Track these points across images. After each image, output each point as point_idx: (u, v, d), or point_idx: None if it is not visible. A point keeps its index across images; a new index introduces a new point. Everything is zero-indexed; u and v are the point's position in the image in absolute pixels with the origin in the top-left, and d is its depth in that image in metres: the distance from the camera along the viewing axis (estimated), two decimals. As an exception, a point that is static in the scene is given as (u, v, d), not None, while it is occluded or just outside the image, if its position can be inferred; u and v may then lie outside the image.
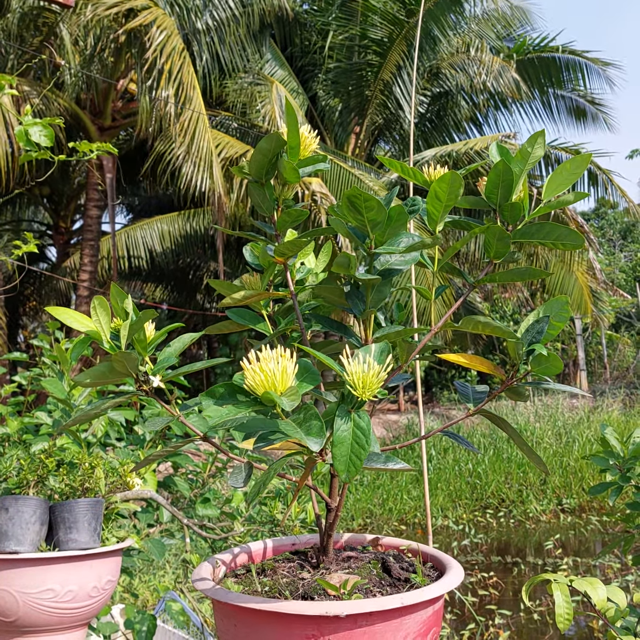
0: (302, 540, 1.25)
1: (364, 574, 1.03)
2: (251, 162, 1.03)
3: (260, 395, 0.83)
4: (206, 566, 1.06)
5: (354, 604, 0.85)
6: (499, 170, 1.03)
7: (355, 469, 0.82)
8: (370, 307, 1.02)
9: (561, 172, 1.07)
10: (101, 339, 0.99)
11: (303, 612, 0.84)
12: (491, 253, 1.06)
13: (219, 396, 0.88)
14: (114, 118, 10.59)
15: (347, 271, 0.97)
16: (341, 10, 12.07)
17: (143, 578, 4.69)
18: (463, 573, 1.03)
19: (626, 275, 19.90)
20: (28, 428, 2.57)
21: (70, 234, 14.09)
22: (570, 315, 1.02)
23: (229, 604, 0.90)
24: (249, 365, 0.83)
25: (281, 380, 0.82)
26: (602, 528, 7.29)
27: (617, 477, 1.66)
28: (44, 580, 1.64)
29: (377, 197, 0.93)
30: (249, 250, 1.21)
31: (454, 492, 8.46)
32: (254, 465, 1.03)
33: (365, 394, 0.86)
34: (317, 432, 0.79)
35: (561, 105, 13.81)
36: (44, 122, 1.95)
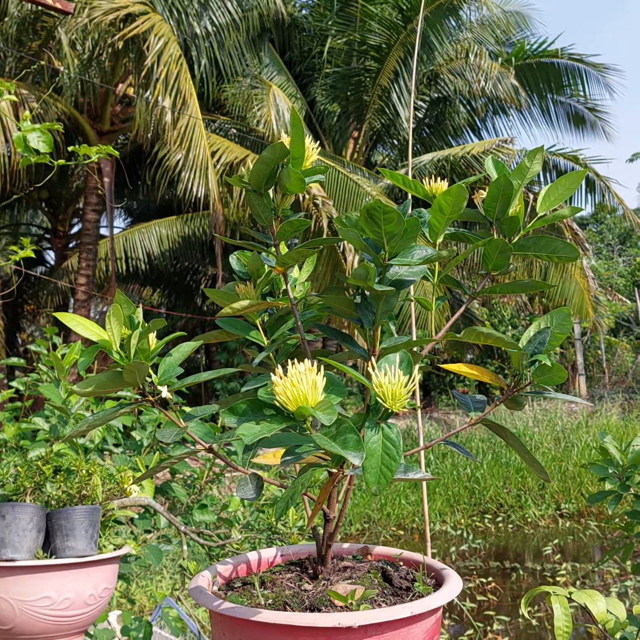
0: (291, 551, 1.24)
1: (367, 583, 1.03)
2: (252, 172, 1.03)
3: (294, 411, 0.81)
4: (202, 579, 1.05)
5: (366, 615, 0.86)
6: (500, 184, 1.05)
7: (385, 481, 0.82)
8: (379, 318, 1.02)
9: (557, 187, 1.10)
10: (111, 348, 0.97)
11: (315, 624, 0.84)
12: (490, 265, 1.08)
13: (242, 412, 0.86)
14: (112, 122, 10.59)
15: (364, 283, 0.96)
16: (339, 16, 12.09)
17: (140, 583, 4.68)
18: (461, 581, 1.04)
19: (625, 280, 19.92)
20: (25, 434, 2.56)
21: (69, 237, 14.08)
22: (572, 325, 1.03)
23: (234, 618, 0.89)
24: (280, 381, 0.82)
25: (312, 394, 0.82)
26: (600, 533, 7.28)
27: (616, 485, 1.66)
28: (41, 588, 1.63)
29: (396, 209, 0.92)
30: (235, 258, 1.20)
31: (452, 497, 8.44)
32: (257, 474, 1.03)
33: (395, 405, 0.87)
34: (355, 446, 0.79)
35: (560, 111, 13.83)
36: (42, 128, 1.95)
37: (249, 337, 1.09)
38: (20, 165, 1.98)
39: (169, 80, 8.30)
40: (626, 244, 23.72)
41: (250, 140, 10.85)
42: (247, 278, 1.17)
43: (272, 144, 1.01)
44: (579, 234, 10.60)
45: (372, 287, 0.97)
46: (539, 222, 1.10)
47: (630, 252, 22.65)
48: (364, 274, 0.94)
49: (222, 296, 1.02)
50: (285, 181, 1.04)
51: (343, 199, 9.66)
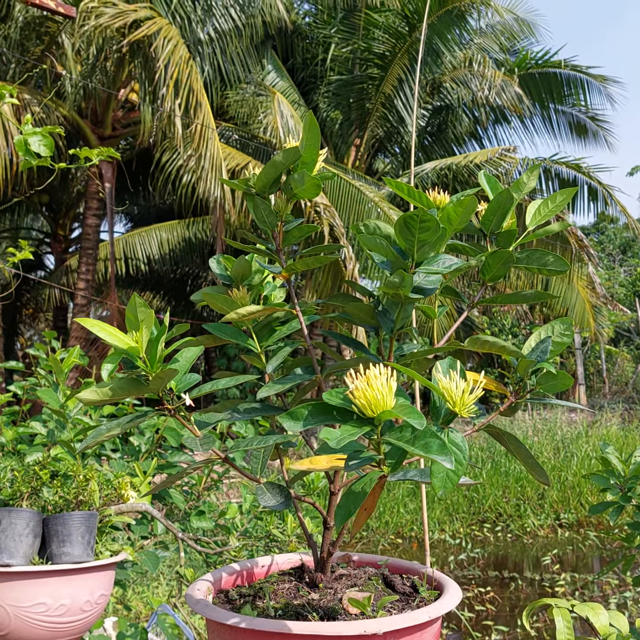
0: (281, 560, 1.23)
1: (372, 590, 1.04)
2: (260, 175, 1.02)
3: (376, 415, 0.80)
4: (198, 592, 1.03)
5: (390, 621, 0.87)
6: (502, 199, 1.06)
7: (451, 485, 0.82)
8: (398, 326, 1.02)
9: (548, 203, 1.13)
10: (138, 354, 0.94)
11: (341, 632, 0.85)
12: (487, 276, 1.10)
13: (304, 417, 0.84)
14: (114, 127, 10.61)
15: (396, 290, 0.95)
16: (343, 23, 12.12)
17: (136, 589, 4.65)
18: (458, 586, 1.05)
19: (626, 290, 19.92)
20: (23, 438, 2.55)
21: (69, 242, 14.09)
22: (573, 336, 1.04)
23: (252, 631, 0.87)
24: (359, 384, 0.81)
25: (389, 398, 0.81)
26: (600, 544, 7.25)
27: (618, 496, 1.64)
28: (36, 594, 1.62)
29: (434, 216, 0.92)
30: (215, 262, 1.18)
31: (451, 505, 8.42)
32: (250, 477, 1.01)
33: (462, 410, 0.88)
34: (440, 450, 0.77)
35: (562, 120, 13.86)
36: (43, 131, 1.94)
37: (241, 343, 1.07)
38: (21, 168, 1.98)
39: (181, 81, 8.30)
40: (627, 254, 23.73)
41: (253, 147, 10.86)
42: (229, 282, 1.16)
43: (286, 148, 1.00)
44: (584, 241, 10.60)
45: (407, 295, 0.97)
46: (531, 236, 1.14)
47: (631, 262, 22.65)
48: (399, 281, 0.94)
49: (221, 301, 1.01)
50: (295, 186, 1.02)
51: (345, 206, 9.66)
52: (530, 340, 1.04)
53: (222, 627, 0.92)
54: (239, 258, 1.11)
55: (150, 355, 0.93)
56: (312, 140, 1.02)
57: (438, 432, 0.87)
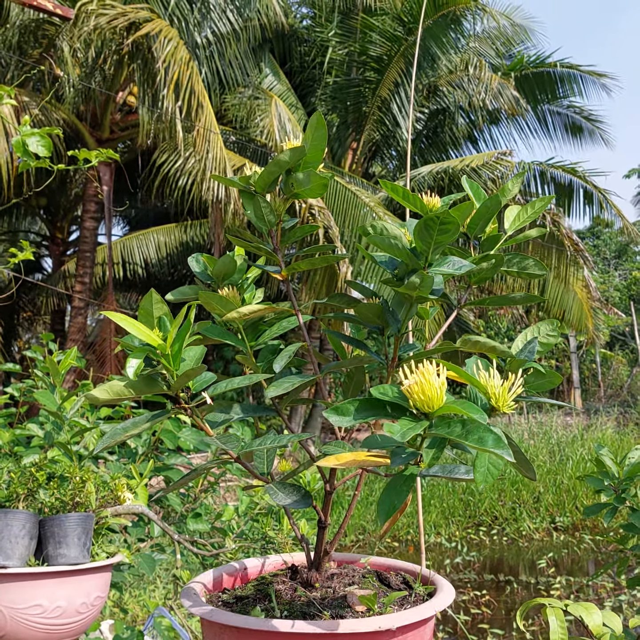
0: (270, 562, 1.23)
1: (370, 588, 1.06)
2: (263, 174, 1.02)
3: (434, 410, 0.81)
4: (195, 596, 1.02)
5: (401, 616, 0.91)
6: (492, 204, 1.08)
7: (492, 479, 0.84)
8: (404, 326, 1.03)
9: (527, 210, 1.16)
10: (164, 351, 0.92)
11: (357, 629, 0.87)
12: (473, 279, 1.12)
13: (351, 412, 0.84)
14: (112, 130, 10.61)
15: (415, 290, 0.96)
16: (340, 27, 12.13)
17: (133, 593, 4.65)
18: (449, 583, 1.08)
19: (621, 293, 19.96)
20: (19, 440, 2.55)
21: (67, 245, 14.08)
22: (558, 337, 1.06)
23: (264, 632, 0.87)
24: (415, 380, 0.81)
25: (441, 394, 0.82)
26: (595, 547, 7.26)
27: (612, 498, 1.65)
28: (32, 596, 1.62)
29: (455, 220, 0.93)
30: (194, 260, 1.17)
31: (447, 509, 8.42)
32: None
33: (503, 406, 0.90)
34: (496, 444, 0.78)
35: (557, 121, 13.91)
36: (41, 132, 1.94)
37: (229, 342, 1.07)
38: (20, 169, 1.98)
39: (182, 82, 8.29)
40: (622, 258, 23.78)
41: (251, 150, 10.87)
42: (209, 282, 1.15)
43: (292, 147, 1.00)
44: (579, 245, 10.62)
45: (424, 296, 0.98)
46: (510, 241, 1.15)
47: (626, 266, 22.71)
48: (418, 282, 0.94)
49: (216, 301, 1.01)
50: (298, 186, 1.03)
51: (340, 210, 9.67)
52: (518, 341, 1.06)
53: (231, 630, 0.91)
54: (224, 256, 1.11)
55: (174, 353, 0.92)
56: (318, 139, 1.03)
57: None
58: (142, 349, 0.90)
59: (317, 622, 0.87)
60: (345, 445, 0.98)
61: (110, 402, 0.92)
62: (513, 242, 1.15)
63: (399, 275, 1.02)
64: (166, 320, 0.93)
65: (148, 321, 0.92)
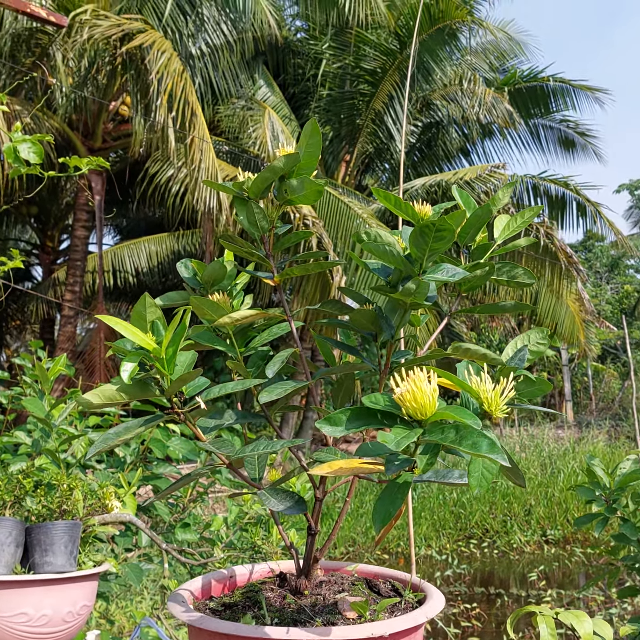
0: (258, 569, 1.22)
1: (360, 594, 1.05)
2: (256, 180, 1.02)
3: (427, 418, 0.80)
4: (183, 603, 1.01)
5: (393, 623, 0.90)
6: (483, 213, 1.08)
7: (486, 483, 0.83)
8: (398, 332, 1.03)
9: (516, 219, 1.17)
10: (159, 355, 0.91)
11: (349, 636, 0.87)
12: (464, 287, 1.14)
13: (343, 422, 0.83)
14: (104, 140, 10.62)
15: (410, 297, 0.96)
16: (334, 40, 12.19)
17: (120, 604, 4.60)
18: (438, 590, 1.07)
19: (612, 307, 20.04)
20: (7, 447, 2.53)
21: (57, 253, 14.05)
22: (548, 345, 1.06)
23: (258, 639, 0.86)
24: (407, 388, 0.80)
25: (433, 401, 0.81)
26: (586, 560, 7.25)
27: (603, 508, 1.64)
28: (18, 604, 1.60)
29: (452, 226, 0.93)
30: (183, 266, 1.16)
31: (438, 521, 8.39)
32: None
33: (495, 411, 0.89)
34: (491, 449, 0.78)
35: (550, 135, 14.02)
36: (33, 139, 1.94)
37: (219, 348, 1.06)
38: (11, 176, 1.97)
39: (175, 93, 8.31)
40: (614, 272, 23.91)
41: (244, 160, 10.88)
42: (198, 287, 1.14)
43: (286, 154, 1.00)
44: (573, 257, 10.66)
45: (418, 302, 0.98)
46: (500, 250, 1.16)
47: (618, 280, 22.82)
48: (413, 288, 0.94)
49: (207, 306, 1.00)
50: (292, 192, 1.02)
51: (333, 220, 9.69)
52: (508, 349, 1.06)
53: (220, 638, 0.90)
54: (214, 262, 1.10)
55: (168, 357, 0.91)
56: (312, 147, 1.03)
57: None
58: (137, 352, 0.89)
59: (311, 629, 0.87)
60: (337, 452, 0.97)
61: (102, 407, 0.91)
62: (503, 251, 1.15)
63: (392, 282, 1.02)
64: (159, 325, 0.92)
65: (141, 325, 0.91)
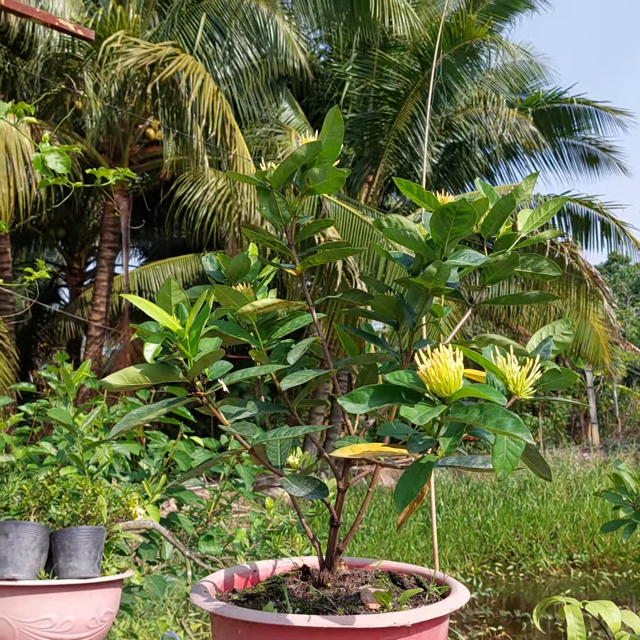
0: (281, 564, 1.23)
1: (383, 587, 1.04)
2: (279, 168, 1.03)
3: (451, 394, 0.80)
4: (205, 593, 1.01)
5: (417, 613, 0.89)
6: (506, 203, 1.08)
7: (511, 466, 0.82)
8: (420, 319, 1.03)
9: (539, 212, 1.17)
10: (182, 335, 0.91)
11: (372, 625, 0.86)
12: (488, 278, 1.12)
13: (366, 399, 0.83)
14: (131, 162, 10.76)
15: (431, 281, 0.96)
16: (357, 63, 12.32)
17: (144, 623, 4.59)
18: (464, 586, 1.06)
19: (638, 329, 19.83)
20: (32, 458, 2.55)
21: (84, 275, 14.22)
22: (573, 336, 1.04)
23: (281, 626, 0.87)
24: (432, 364, 0.80)
25: (458, 379, 0.81)
26: (613, 584, 7.11)
27: (630, 514, 1.62)
28: (42, 609, 1.60)
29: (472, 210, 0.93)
30: (208, 260, 1.17)
31: (463, 543, 8.29)
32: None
33: (522, 391, 0.88)
34: (516, 427, 0.77)
35: (573, 152, 13.98)
36: (60, 150, 1.97)
37: (244, 340, 1.07)
38: (39, 187, 2.01)
39: (213, 113, 8.42)
40: (639, 294, 23.68)
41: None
42: (222, 281, 1.15)
43: (308, 142, 1.01)
44: (598, 277, 10.54)
45: (439, 287, 0.97)
46: (525, 242, 1.15)
47: (644, 302, 22.60)
48: (434, 272, 0.94)
49: (231, 295, 1.01)
50: (314, 181, 1.03)
51: (356, 240, 9.72)
52: (532, 339, 1.05)
53: (244, 626, 0.90)
54: (238, 255, 1.11)
55: (192, 339, 0.92)
56: (334, 135, 1.03)
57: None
58: (160, 334, 0.90)
59: (333, 617, 0.86)
60: (359, 440, 0.97)
61: (125, 389, 0.92)
62: (527, 243, 1.14)
63: (414, 270, 1.02)
64: (184, 307, 0.93)
65: (166, 307, 0.92)
